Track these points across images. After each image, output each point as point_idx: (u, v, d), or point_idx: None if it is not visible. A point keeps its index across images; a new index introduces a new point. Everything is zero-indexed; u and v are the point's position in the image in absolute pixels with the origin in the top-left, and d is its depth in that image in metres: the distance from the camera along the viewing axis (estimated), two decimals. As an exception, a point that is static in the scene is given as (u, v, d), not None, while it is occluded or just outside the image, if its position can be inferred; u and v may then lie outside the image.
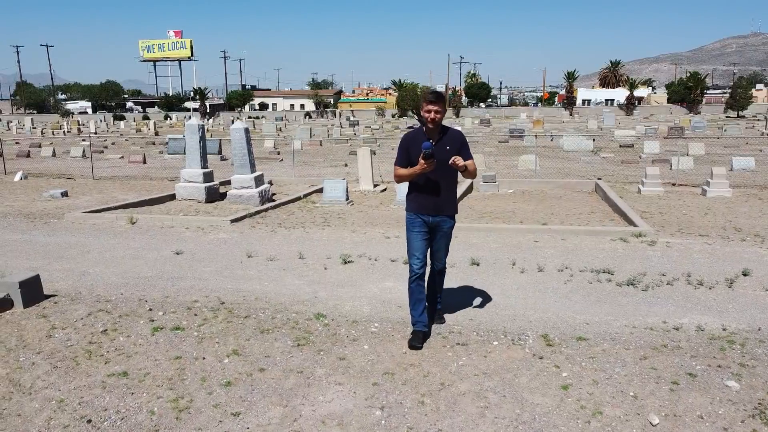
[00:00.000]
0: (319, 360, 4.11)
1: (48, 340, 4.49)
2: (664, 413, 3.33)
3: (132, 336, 4.55)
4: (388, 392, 3.63)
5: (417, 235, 4.30)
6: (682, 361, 3.99)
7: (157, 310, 5.09)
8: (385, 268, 6.41)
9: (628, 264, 6.36)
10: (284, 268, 6.48)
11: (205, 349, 4.30)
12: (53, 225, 9.08)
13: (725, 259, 6.50)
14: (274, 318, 4.89)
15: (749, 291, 5.45)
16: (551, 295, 5.42)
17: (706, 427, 3.20)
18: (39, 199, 12.00)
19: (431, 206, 4.25)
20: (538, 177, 14.40)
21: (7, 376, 3.89)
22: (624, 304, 5.15)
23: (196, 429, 3.25)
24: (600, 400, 3.49)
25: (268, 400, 3.56)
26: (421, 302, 4.35)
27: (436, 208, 4.26)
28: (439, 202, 4.25)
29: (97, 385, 3.76)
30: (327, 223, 9.02)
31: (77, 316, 4.96)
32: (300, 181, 14.55)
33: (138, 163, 20.25)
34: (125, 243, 7.80)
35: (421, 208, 4.27)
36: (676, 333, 4.49)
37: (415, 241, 4.31)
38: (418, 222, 4.28)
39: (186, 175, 11.63)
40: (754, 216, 9.16)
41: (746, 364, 3.93)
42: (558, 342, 4.33)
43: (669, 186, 12.64)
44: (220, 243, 7.77)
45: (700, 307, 5.04)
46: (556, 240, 7.50)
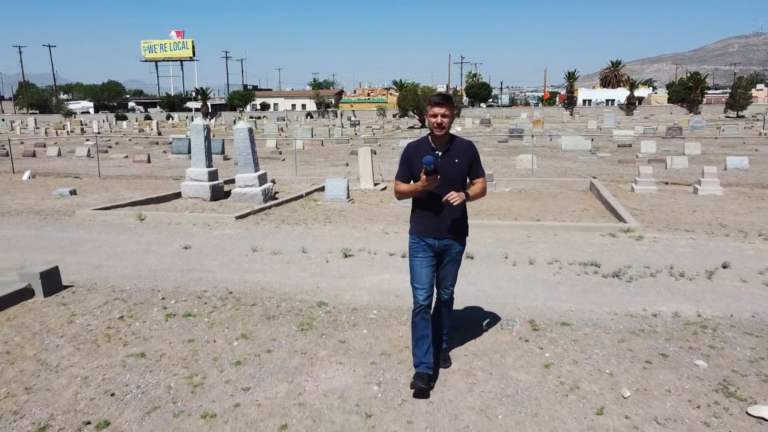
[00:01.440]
0: (322, 343, 4.44)
1: (69, 325, 4.83)
2: (635, 388, 3.66)
3: (147, 322, 4.89)
4: (384, 370, 3.96)
5: (421, 261, 3.68)
6: (656, 343, 4.32)
7: (169, 298, 5.43)
8: (384, 261, 6.75)
9: (615, 257, 6.69)
10: (288, 261, 6.82)
11: (216, 333, 4.64)
12: (65, 221, 9.43)
13: (708, 253, 6.82)
14: (279, 306, 5.23)
15: (727, 282, 5.77)
16: (540, 286, 5.75)
17: (673, 399, 3.52)
18: (48, 197, 12.35)
19: (437, 228, 3.64)
20: (534, 176, 14.72)
21: (34, 357, 4.23)
22: (608, 294, 5.48)
23: (210, 401, 3.58)
24: (578, 377, 3.82)
25: (275, 377, 3.89)
26: (426, 339, 3.69)
27: (443, 231, 3.63)
28: (446, 223, 3.62)
29: (118, 365, 4.10)
30: (329, 220, 9.35)
31: (95, 305, 5.30)
32: (302, 180, 14.87)
33: (143, 163, 20.59)
34: (135, 238, 8.13)
35: (425, 230, 3.67)
36: (654, 319, 4.81)
37: (418, 269, 3.68)
38: (422, 247, 3.68)
39: (191, 173, 11.97)
40: (740, 213, 9.48)
41: (716, 346, 4.26)
42: (543, 327, 4.66)
43: (662, 185, 12.95)
44: (226, 238, 8.11)
45: (679, 297, 5.37)
46: (548, 235, 7.83)
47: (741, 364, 3.97)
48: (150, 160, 20.98)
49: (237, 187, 11.66)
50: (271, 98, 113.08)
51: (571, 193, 12.18)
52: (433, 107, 3.48)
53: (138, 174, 17.46)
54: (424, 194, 3.57)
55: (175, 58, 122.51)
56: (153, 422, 3.35)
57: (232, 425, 3.31)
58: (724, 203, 10.54)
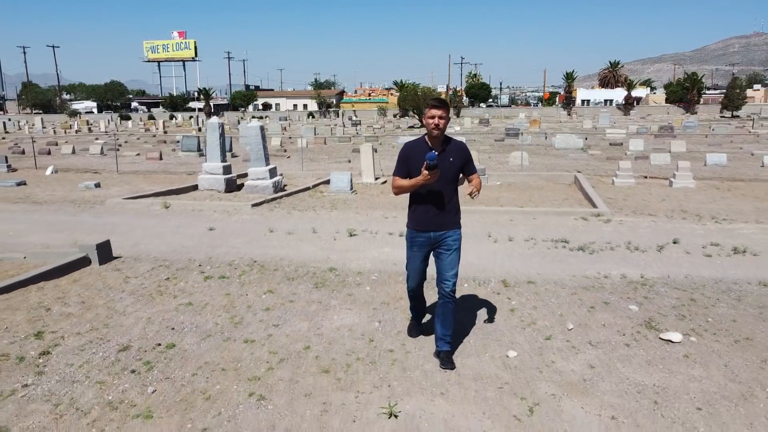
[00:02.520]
0: (333, 296, 5.49)
1: (126, 284, 5.89)
2: (578, 323, 4.72)
3: (189, 282, 5.95)
4: (383, 313, 5.02)
5: (417, 254, 4.06)
6: (601, 295, 5.38)
7: (204, 265, 6.50)
8: (384, 239, 7.80)
9: (583, 236, 7.75)
10: (301, 239, 7.87)
11: (247, 289, 5.70)
12: (98, 209, 10.49)
13: (663, 233, 7.88)
14: (297, 270, 6.29)
15: (673, 254, 6.83)
16: (515, 257, 6.80)
17: (606, 330, 4.58)
18: (75, 189, 13.41)
19: (434, 221, 3.93)
20: (524, 171, 15.77)
21: (105, 305, 5.28)
22: (571, 263, 6.53)
23: (249, 333, 4.64)
24: (535, 317, 4.88)
25: (298, 318, 4.94)
26: (422, 313, 4.56)
27: (439, 224, 3.94)
28: (442, 217, 3.92)
29: (172, 310, 5.16)
30: (334, 207, 10.42)
31: (143, 270, 6.36)
32: (308, 175, 15.92)
33: (155, 160, 21.64)
34: (164, 222, 9.19)
35: (422, 223, 3.96)
36: (604, 279, 5.87)
37: (413, 261, 4.09)
38: (419, 240, 4.00)
39: (207, 168, 13.03)
40: (704, 202, 10.54)
41: (648, 297, 5.32)
42: (513, 284, 5.71)
43: (642, 178, 14.00)
44: (244, 222, 9.17)
45: (630, 264, 6.42)
46: (528, 219, 8.89)
47: (664, 309, 5.03)
48: (162, 157, 22.04)
49: (249, 180, 12.71)
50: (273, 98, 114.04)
51: (557, 186, 13.23)
52: (431, 110, 3.78)
53: (152, 170, 18.51)
54: (423, 189, 3.81)
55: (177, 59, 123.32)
56: (208, 345, 4.41)
57: (268, 347, 4.36)
58: (693, 194, 11.59)
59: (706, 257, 6.67)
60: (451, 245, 3.96)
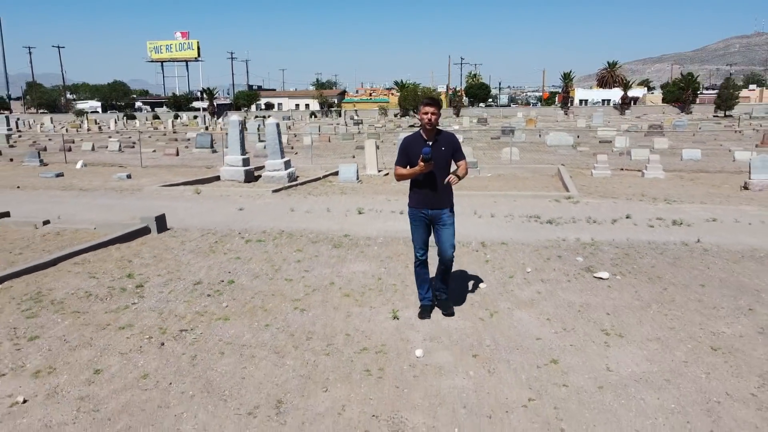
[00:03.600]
0: (348, 252, 7.03)
1: (183, 246, 7.43)
2: (535, 268, 6.25)
3: (234, 244, 7.49)
4: (388, 263, 6.55)
5: (418, 227, 4.78)
6: (557, 251, 6.92)
7: (243, 233, 8.04)
8: (388, 216, 9.34)
9: (553, 213, 9.28)
10: (318, 216, 9.41)
11: (280, 249, 7.24)
12: (138, 194, 12.03)
13: (620, 210, 9.41)
14: (318, 237, 7.83)
15: (623, 225, 8.36)
16: (495, 228, 8.34)
17: (555, 273, 6.11)
18: (110, 180, 14.95)
19: (430, 201, 4.63)
20: (513, 164, 17.30)
21: (172, 258, 6.82)
22: (539, 232, 8.07)
23: (287, 275, 6.16)
24: (504, 264, 6.41)
25: (323, 266, 6.48)
26: (426, 282, 4.95)
27: (435, 203, 4.63)
28: (437, 197, 4.61)
29: (225, 262, 6.69)
30: (343, 193, 11.96)
31: (194, 237, 7.90)
32: (316, 168, 17.47)
33: (172, 156, 23.19)
34: (199, 205, 10.73)
35: (420, 203, 4.68)
36: (562, 242, 7.41)
37: (416, 233, 4.83)
38: (419, 216, 4.72)
39: (228, 160, 14.57)
40: (665, 188, 12.07)
41: (593, 253, 6.85)
42: (489, 245, 7.25)
43: (618, 170, 15.53)
44: (267, 204, 10.71)
45: (586, 232, 7.96)
46: (509, 201, 10.42)
47: (603, 260, 6.56)
48: (178, 153, 23.59)
49: (266, 171, 14.25)
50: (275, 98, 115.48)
51: (541, 177, 14.76)
52: (424, 107, 4.51)
53: (172, 164, 20.07)
54: (421, 176, 4.51)
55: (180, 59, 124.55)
56: (258, 282, 5.94)
57: (303, 283, 5.89)
58: (659, 183, 13.12)
59: (649, 227, 8.21)
60: (446, 221, 4.69)
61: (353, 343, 4.42)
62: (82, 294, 5.55)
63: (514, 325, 4.77)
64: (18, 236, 7.94)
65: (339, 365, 4.06)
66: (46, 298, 5.44)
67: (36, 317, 4.97)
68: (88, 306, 5.24)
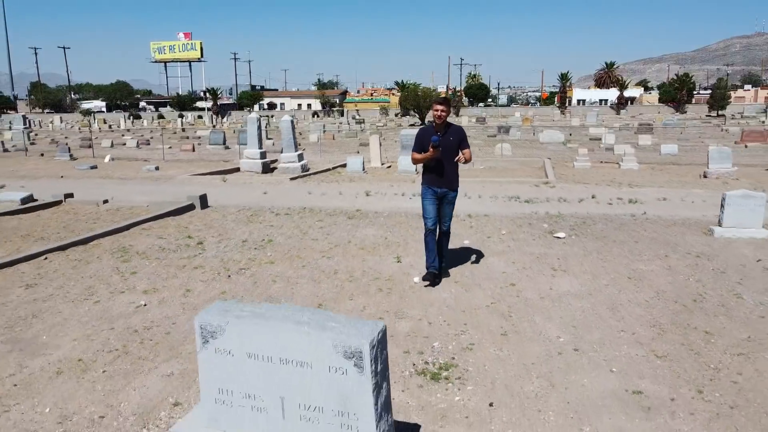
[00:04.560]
0: (360, 222, 8.69)
1: (225, 218, 9.09)
2: (509, 231, 7.91)
3: (266, 217, 9.16)
4: (392, 229, 8.21)
5: (428, 202, 5.68)
6: (529, 220, 8.59)
7: (272, 209, 9.71)
8: (392, 197, 11.00)
9: (531, 194, 10.94)
10: (332, 197, 11.07)
11: (305, 219, 8.90)
12: (171, 182, 13.70)
13: (588, 192, 11.07)
14: (335, 211, 9.50)
15: (588, 203, 10.02)
16: (481, 205, 10.00)
17: (524, 234, 7.77)
18: (141, 171, 16.61)
19: (438, 182, 5.56)
20: (505, 158, 18.95)
21: (219, 226, 8.49)
22: (517, 208, 9.72)
23: (313, 237, 7.82)
24: (484, 229, 8.07)
25: (341, 231, 8.13)
26: (433, 251, 5.70)
27: (442, 183, 5.57)
28: (445, 179, 5.56)
29: (262, 228, 8.35)
30: (352, 180, 13.63)
31: (232, 212, 9.57)
32: (325, 162, 19.11)
33: (188, 151, 24.83)
34: (228, 190, 12.39)
35: (431, 182, 5.62)
36: (534, 214, 9.07)
37: (427, 207, 5.70)
38: (430, 192, 5.64)
39: (247, 153, 16.23)
40: (634, 177, 13.72)
41: (558, 222, 8.51)
42: (474, 216, 8.92)
43: (598, 163, 17.17)
44: (287, 189, 12.38)
45: (555, 207, 9.61)
46: (496, 185, 12.08)
47: (563, 226, 8.22)
48: (194, 149, 25.24)
49: (281, 163, 15.91)
50: (278, 98, 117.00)
51: (528, 168, 16.42)
52: (436, 105, 5.51)
53: (190, 159, 21.73)
54: (432, 161, 5.48)
55: (183, 59, 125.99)
56: (291, 241, 7.59)
57: (326, 241, 7.55)
58: (632, 173, 14.78)
59: (608, 204, 9.87)
60: (450, 200, 5.75)
61: (368, 276, 6.08)
62: (157, 248, 7.22)
63: (486, 266, 6.42)
64: (86, 211, 9.62)
65: (359, 287, 5.73)
66: (131, 250, 7.11)
67: (129, 262, 6.63)
68: (164, 255, 6.91)
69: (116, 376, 3.89)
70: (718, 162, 13.30)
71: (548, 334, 4.52)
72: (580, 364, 4.02)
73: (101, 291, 5.63)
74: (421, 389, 3.67)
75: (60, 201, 10.30)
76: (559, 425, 3.26)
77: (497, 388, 3.69)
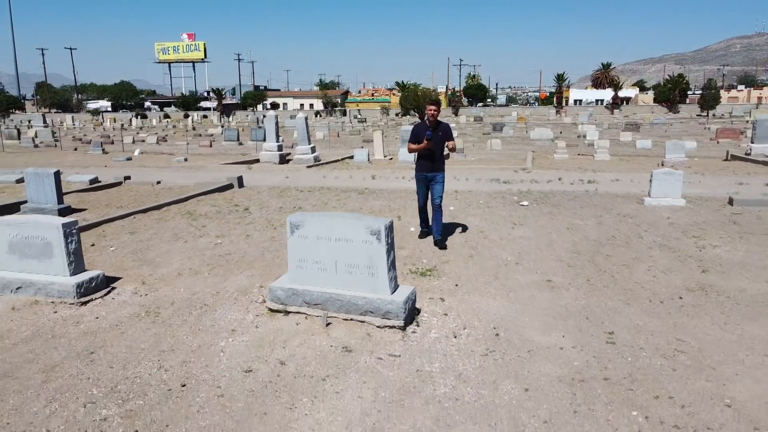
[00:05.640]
0: (368, 196, 10.90)
1: (260, 194, 11.30)
2: (485, 202, 10.13)
3: (292, 193, 11.37)
4: (394, 201, 10.42)
5: (420, 184, 7.28)
6: (503, 195, 10.80)
7: (296, 188, 11.92)
8: (393, 180, 13.20)
9: (510, 177, 13.14)
10: (344, 180, 13.27)
11: (324, 195, 11.11)
12: (204, 170, 15.90)
13: (556, 175, 13.27)
14: (347, 190, 11.71)
15: (554, 183, 12.22)
16: (467, 185, 12.19)
17: (497, 204, 9.97)
18: (171, 163, 18.81)
19: (428, 168, 7.10)
20: (494, 152, 21.15)
21: (256, 199, 10.69)
22: (496, 186, 11.92)
23: (332, 206, 10.02)
24: (468, 200, 10.28)
25: (354, 202, 10.34)
26: (425, 220, 7.58)
27: (431, 169, 7.11)
28: (434, 165, 7.10)
29: (291, 200, 10.56)
30: (359, 168, 15.84)
31: (264, 190, 11.79)
32: (333, 154, 21.32)
33: (206, 146, 27.04)
34: (255, 175, 14.58)
35: (423, 168, 7.14)
36: (508, 191, 11.28)
37: (420, 189, 7.33)
38: (422, 176, 7.18)
39: (266, 146, 18.45)
40: (602, 165, 15.91)
41: (525, 195, 10.72)
42: (461, 192, 11.13)
43: (576, 155, 19.37)
44: (305, 175, 14.59)
45: (526, 187, 11.82)
46: (482, 171, 14.29)
47: (529, 198, 10.42)
48: (211, 145, 27.45)
49: (296, 155, 18.11)
50: (281, 98, 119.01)
51: (513, 159, 18.62)
52: (429, 105, 7.03)
53: (211, 153, 23.94)
54: (424, 151, 7.04)
55: (187, 60, 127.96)
56: (316, 208, 9.80)
57: (344, 208, 9.74)
58: (602, 162, 16.97)
59: (570, 184, 12.08)
60: (438, 180, 7.22)
61: (377, 228, 8.27)
62: (214, 212, 9.43)
63: (465, 222, 8.62)
64: (145, 190, 11.83)
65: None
66: (195, 213, 9.32)
67: (197, 220, 8.84)
68: (222, 216, 9.12)
69: (217, 276, 6.09)
70: (673, 152, 15.48)
71: (501, 257, 6.72)
72: (518, 269, 6.22)
73: (185, 236, 7.84)
74: (414, 279, 5.86)
75: (120, 182, 12.52)
76: (496, 294, 5.46)
77: (461, 279, 5.89)
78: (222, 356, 4.13)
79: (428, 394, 3.56)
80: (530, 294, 5.43)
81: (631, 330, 4.54)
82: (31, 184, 9.35)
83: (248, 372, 3.87)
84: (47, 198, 9.27)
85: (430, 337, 4.43)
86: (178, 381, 3.76)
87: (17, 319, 4.90)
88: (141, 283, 5.85)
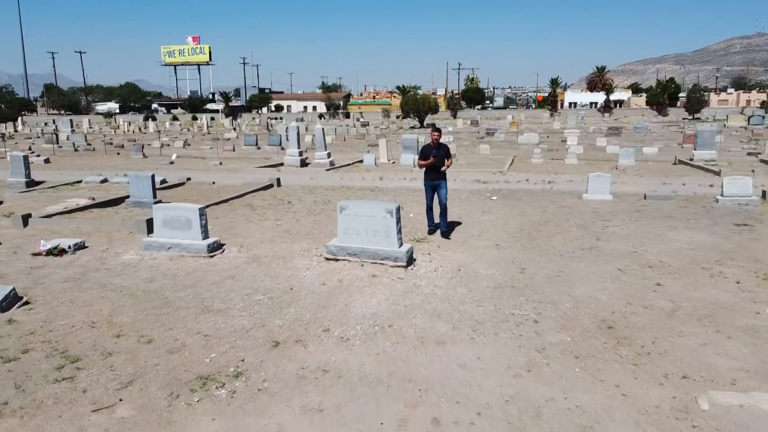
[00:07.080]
0: (379, 193, 14.39)
1: (295, 191, 14.79)
2: (465, 197, 13.62)
3: (321, 191, 14.87)
4: (400, 197, 13.88)
5: (428, 190, 9.72)
6: (479, 192, 14.29)
7: (322, 187, 15.42)
8: (399, 180, 16.68)
9: (488, 179, 16.61)
10: (358, 181, 16.74)
11: (345, 192, 14.60)
12: (241, 172, 19.36)
13: (525, 177, 16.73)
14: (362, 188, 15.21)
15: (522, 183, 15.70)
16: (453, 184, 15.61)
17: (474, 198, 13.45)
18: (209, 165, 22.26)
19: (434, 177, 9.55)
20: (481, 155, 24.61)
21: (294, 195, 14.17)
22: (475, 186, 15.39)
23: (347, 195, 13.47)
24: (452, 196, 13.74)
25: (368, 197, 13.80)
26: (432, 219, 9.87)
27: (436, 178, 9.54)
28: (438, 176, 9.52)
29: (320, 195, 14.04)
30: (369, 171, 19.33)
31: (297, 188, 15.29)
32: (344, 159, 24.77)
33: (230, 151, 30.43)
34: (284, 177, 17.99)
35: (430, 178, 9.61)
36: (485, 189, 14.76)
37: (427, 193, 9.77)
38: (429, 184, 9.63)
39: (289, 152, 21.94)
40: (566, 168, 19.38)
41: (496, 192, 14.20)
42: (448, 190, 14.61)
43: (550, 159, 22.85)
44: (325, 176, 18.07)
45: (499, 185, 15.29)
46: (468, 173, 17.76)
47: (498, 195, 13.90)
48: (234, 149, 30.90)
49: (315, 160, 21.59)
50: (285, 101, 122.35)
51: (496, 163, 22.09)
52: (432, 132, 9.61)
53: (238, 156, 27.37)
54: (432, 166, 9.53)
55: (192, 63, 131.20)
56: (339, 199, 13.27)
57: (360, 202, 13.22)
58: (568, 166, 20.43)
59: (534, 184, 15.55)
60: (443, 186, 9.65)
61: (386, 215, 11.77)
62: (267, 204, 12.90)
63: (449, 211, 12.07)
64: (206, 188, 15.31)
65: (382, 218, 11.42)
66: (253, 205, 12.79)
67: (256, 210, 12.31)
68: (273, 207, 12.58)
69: (285, 242, 9.54)
70: (624, 158, 18.94)
71: (469, 232, 10.18)
72: (479, 239, 9.69)
73: (254, 219, 11.31)
74: (412, 243, 9.32)
75: (184, 182, 15.99)
76: (462, 252, 8.91)
77: (442, 244, 9.35)
78: (305, 277, 7.59)
79: (418, 293, 7.02)
80: (483, 252, 8.90)
81: (536, 267, 8.00)
82: (133, 183, 12.82)
83: (323, 284, 7.32)
84: (145, 194, 12.73)
85: (420, 271, 7.88)
86: (288, 286, 7.22)
87: (177, 264, 8.36)
88: (240, 246, 9.32)
